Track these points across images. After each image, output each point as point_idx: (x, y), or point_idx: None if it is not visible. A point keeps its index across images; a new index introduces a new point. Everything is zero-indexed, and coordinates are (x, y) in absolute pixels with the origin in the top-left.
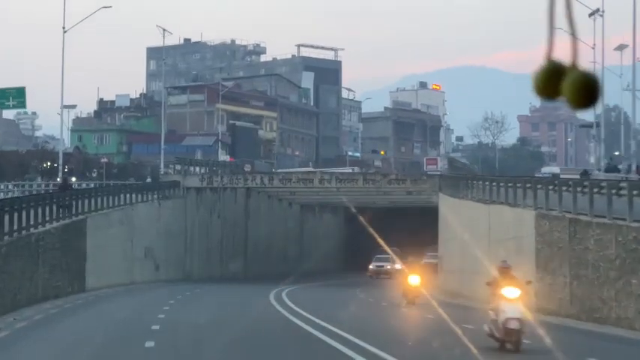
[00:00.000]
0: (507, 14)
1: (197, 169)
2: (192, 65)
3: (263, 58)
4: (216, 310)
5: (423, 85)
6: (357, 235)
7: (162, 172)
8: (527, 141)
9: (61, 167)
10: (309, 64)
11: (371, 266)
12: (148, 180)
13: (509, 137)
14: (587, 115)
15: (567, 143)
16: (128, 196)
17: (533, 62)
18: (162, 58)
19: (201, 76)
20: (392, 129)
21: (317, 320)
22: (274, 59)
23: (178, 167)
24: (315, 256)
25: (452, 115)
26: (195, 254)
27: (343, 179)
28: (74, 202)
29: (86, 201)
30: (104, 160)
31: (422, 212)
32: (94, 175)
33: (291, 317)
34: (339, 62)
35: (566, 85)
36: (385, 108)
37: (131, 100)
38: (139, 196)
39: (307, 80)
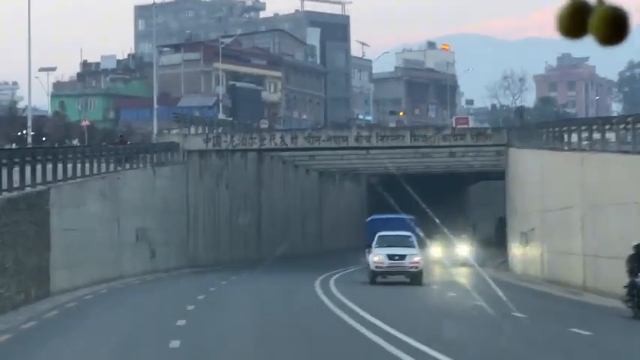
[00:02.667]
0: None
1: (199, 129)
2: (185, 24)
3: (263, 14)
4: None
5: (432, 45)
6: (383, 207)
7: (155, 134)
8: (550, 100)
9: (30, 133)
10: (314, 19)
11: (376, 257)
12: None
13: (527, 100)
14: (610, 72)
15: (589, 103)
16: (112, 160)
17: (528, 29)
18: (151, 17)
19: (195, 35)
20: (404, 90)
21: None
22: (276, 15)
23: (175, 131)
24: (336, 233)
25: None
26: (199, 234)
27: (386, 136)
28: (31, 166)
29: (49, 165)
30: (85, 123)
31: (481, 178)
32: (75, 142)
33: None
34: (347, 17)
35: (593, 20)
36: (396, 68)
37: (118, 61)
38: (127, 162)
39: (313, 37)
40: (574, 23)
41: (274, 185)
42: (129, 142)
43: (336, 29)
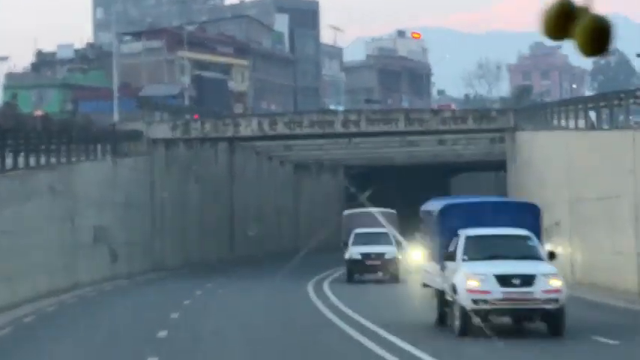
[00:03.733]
0: None
1: (165, 116)
2: (146, 12)
3: (228, 1)
4: None
5: (402, 34)
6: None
7: (116, 121)
8: (528, 89)
9: None
10: (282, 5)
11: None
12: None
13: (502, 89)
14: (583, 61)
15: (563, 92)
16: (64, 150)
17: (491, 22)
18: (110, 5)
19: (156, 23)
20: (377, 79)
21: None
22: (241, 2)
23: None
24: (314, 231)
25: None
26: (166, 234)
27: (377, 120)
28: None
29: None
30: (39, 113)
31: (469, 169)
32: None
33: None
34: (317, 3)
35: (577, 29)
36: (368, 56)
37: (75, 51)
38: (83, 153)
39: (281, 24)
40: (558, 26)
41: (247, 179)
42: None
43: (305, 15)
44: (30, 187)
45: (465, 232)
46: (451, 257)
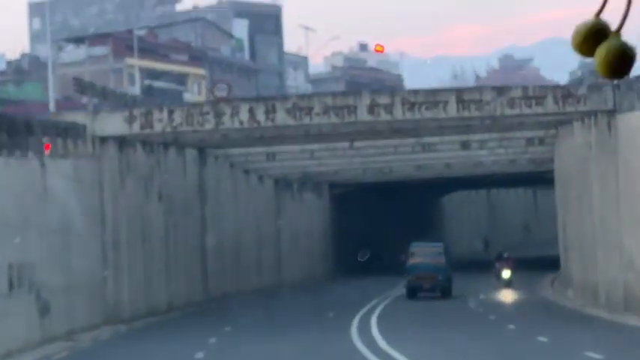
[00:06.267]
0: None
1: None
2: (88, 21)
3: (180, 7)
4: None
5: (364, 47)
6: (352, 223)
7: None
8: None
9: None
10: (240, 9)
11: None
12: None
13: None
14: (558, 75)
15: None
16: None
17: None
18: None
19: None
20: (345, 90)
21: None
22: (195, 7)
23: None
24: (298, 259)
25: None
26: (123, 269)
27: (417, 103)
28: None
29: None
30: None
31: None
32: None
33: None
34: (279, 7)
35: (600, 50)
36: (334, 67)
37: (8, 62)
38: None
39: (240, 30)
40: (586, 44)
41: (221, 197)
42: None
43: (266, 21)
44: None
45: None
46: None
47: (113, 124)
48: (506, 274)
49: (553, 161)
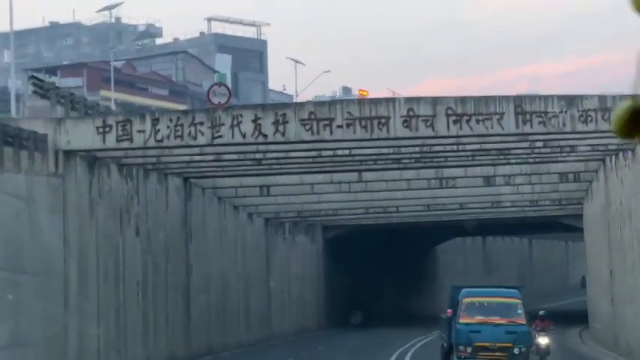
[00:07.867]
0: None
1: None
2: (62, 53)
3: (160, 41)
4: None
5: (348, 91)
6: (344, 270)
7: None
8: None
9: None
10: (224, 43)
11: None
12: None
13: None
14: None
15: None
16: None
17: None
18: (20, 47)
19: None
20: None
21: None
22: (176, 40)
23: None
24: (289, 309)
25: None
26: (90, 321)
27: (464, 116)
28: None
29: None
30: None
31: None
32: None
33: None
34: (264, 42)
35: (617, 114)
36: None
37: None
38: None
39: (223, 65)
40: (627, 126)
41: (208, 236)
42: None
43: (250, 58)
44: None
45: None
46: None
47: (82, 135)
48: (543, 340)
49: (582, 202)
